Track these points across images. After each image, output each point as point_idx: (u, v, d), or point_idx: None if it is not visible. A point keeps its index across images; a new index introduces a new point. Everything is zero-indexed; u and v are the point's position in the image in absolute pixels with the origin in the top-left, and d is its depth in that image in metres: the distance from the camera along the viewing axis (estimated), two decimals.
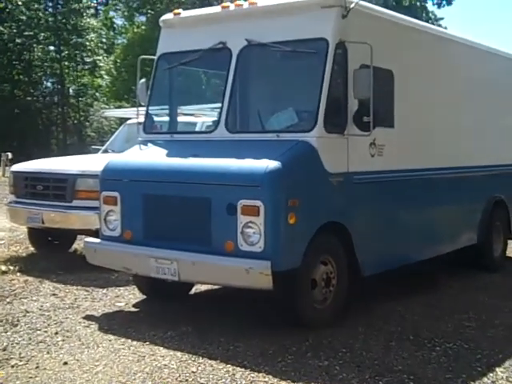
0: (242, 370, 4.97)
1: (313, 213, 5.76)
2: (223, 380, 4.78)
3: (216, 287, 7.34)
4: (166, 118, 7.55)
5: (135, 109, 14.12)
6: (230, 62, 6.34)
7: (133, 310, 6.61)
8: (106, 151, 10.46)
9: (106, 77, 30.55)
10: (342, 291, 6.14)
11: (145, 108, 7.17)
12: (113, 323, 6.10)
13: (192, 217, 5.85)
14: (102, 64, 31.51)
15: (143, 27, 33.55)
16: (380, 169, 6.55)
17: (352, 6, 6.04)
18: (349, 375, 4.90)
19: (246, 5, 6.47)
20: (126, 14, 38.15)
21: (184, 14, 6.99)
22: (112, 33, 41.32)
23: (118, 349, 5.40)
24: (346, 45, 6.02)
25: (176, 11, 7.07)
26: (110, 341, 5.60)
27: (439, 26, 42.08)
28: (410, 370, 5.04)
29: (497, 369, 5.13)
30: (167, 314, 6.41)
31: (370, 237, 6.38)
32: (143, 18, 36.90)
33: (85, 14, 34.00)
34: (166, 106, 7.51)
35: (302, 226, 5.59)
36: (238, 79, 6.37)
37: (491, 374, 5.02)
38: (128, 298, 7.06)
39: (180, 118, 8.15)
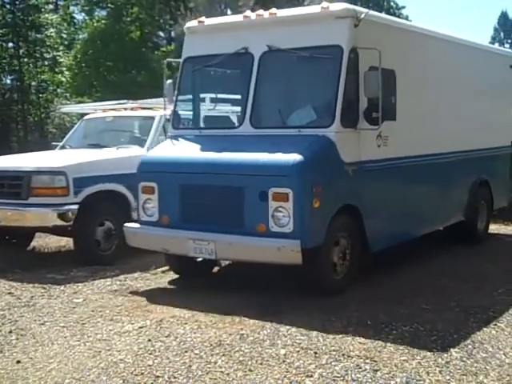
0: (199, 361, 4.95)
1: (332, 197, 6.58)
2: (179, 372, 4.75)
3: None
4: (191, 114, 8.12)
5: (93, 104, 14.11)
6: (253, 66, 7.10)
7: (90, 305, 6.51)
8: (63, 147, 10.31)
9: (66, 72, 30.04)
10: (354, 264, 6.97)
11: (170, 106, 7.96)
12: (69, 320, 6.03)
13: (226, 203, 6.59)
14: (62, 60, 31.03)
15: (103, 21, 33.11)
16: (385, 157, 7.34)
17: (362, 16, 6.82)
18: (305, 362, 4.92)
19: (266, 15, 7.23)
20: (85, 8, 37.60)
21: (207, 21, 7.74)
22: (72, 28, 40.71)
23: (74, 345, 5.34)
24: (357, 50, 6.81)
25: (200, 19, 7.78)
26: (65, 337, 5.53)
27: (400, 14, 42.38)
28: (366, 354, 5.08)
29: (451, 349, 5.19)
30: (126, 309, 6.35)
31: (377, 217, 7.18)
32: (104, 12, 36.44)
33: (43, 10, 33.41)
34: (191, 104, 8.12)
35: (324, 209, 6.41)
36: (259, 80, 7.09)
37: (446, 355, 5.07)
38: (86, 293, 6.97)
39: (205, 114, 8.57)
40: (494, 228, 10.98)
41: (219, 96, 9.45)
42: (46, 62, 30.87)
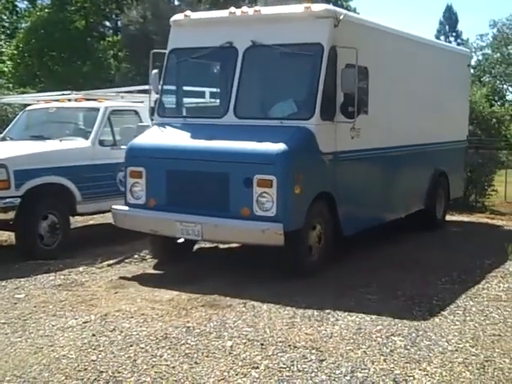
0: (144, 355, 4.89)
1: (311, 184, 7.04)
2: (124, 366, 4.68)
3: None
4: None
5: (36, 94, 13.76)
6: (237, 59, 7.48)
7: (33, 301, 6.35)
8: (4, 139, 10.02)
9: (8, 62, 29.27)
10: (328, 248, 7.44)
11: (156, 95, 8.26)
12: (10, 316, 5.87)
13: (212, 188, 6.96)
14: (3, 49, 30.25)
15: (47, 10, 32.33)
16: (357, 148, 7.85)
17: (341, 17, 7.33)
18: (252, 353, 4.91)
19: (250, 12, 7.62)
20: None
21: (193, 15, 8.08)
22: (14, 16, 39.62)
23: (15, 342, 5.20)
24: (336, 49, 7.26)
25: (186, 13, 8.08)
26: (6, 334, 5.39)
27: (348, 7, 42.67)
28: (312, 344, 5.11)
29: (395, 338, 5.26)
30: (70, 304, 6.22)
31: (349, 203, 7.68)
32: (47, 1, 35.60)
33: None
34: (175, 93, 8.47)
35: (304, 195, 6.87)
36: (243, 74, 7.45)
37: (390, 344, 5.14)
38: (28, 289, 6.79)
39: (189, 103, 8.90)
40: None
41: (203, 87, 9.53)
42: None
